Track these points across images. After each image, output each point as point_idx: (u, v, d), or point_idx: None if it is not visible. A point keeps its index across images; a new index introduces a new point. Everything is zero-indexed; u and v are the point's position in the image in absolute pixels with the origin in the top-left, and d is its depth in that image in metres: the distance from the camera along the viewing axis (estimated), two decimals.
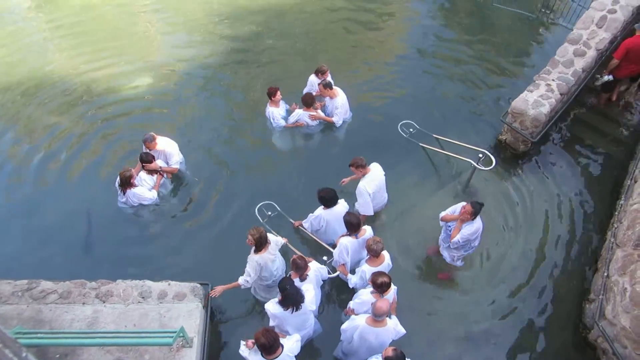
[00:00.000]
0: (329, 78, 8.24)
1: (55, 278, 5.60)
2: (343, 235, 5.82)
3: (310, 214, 6.36)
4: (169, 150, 7.23)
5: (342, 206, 6.22)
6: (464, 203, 5.81)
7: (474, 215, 5.67)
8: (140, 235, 7.03)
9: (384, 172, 6.61)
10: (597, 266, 6.66)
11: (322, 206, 6.18)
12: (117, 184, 6.85)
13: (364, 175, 6.41)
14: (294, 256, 5.38)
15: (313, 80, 8.39)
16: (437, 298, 6.45)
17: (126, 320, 5.20)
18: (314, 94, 8.23)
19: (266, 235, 5.51)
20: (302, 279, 5.29)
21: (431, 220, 6.56)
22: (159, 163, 7.13)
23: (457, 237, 5.85)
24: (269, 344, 4.38)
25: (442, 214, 6.13)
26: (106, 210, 7.20)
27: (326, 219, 6.21)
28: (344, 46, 10.62)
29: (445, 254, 6.33)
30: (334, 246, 6.06)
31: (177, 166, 7.34)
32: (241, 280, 5.60)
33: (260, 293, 6.11)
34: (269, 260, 5.58)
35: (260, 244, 5.43)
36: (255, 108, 8.79)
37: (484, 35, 10.94)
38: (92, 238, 6.95)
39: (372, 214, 6.69)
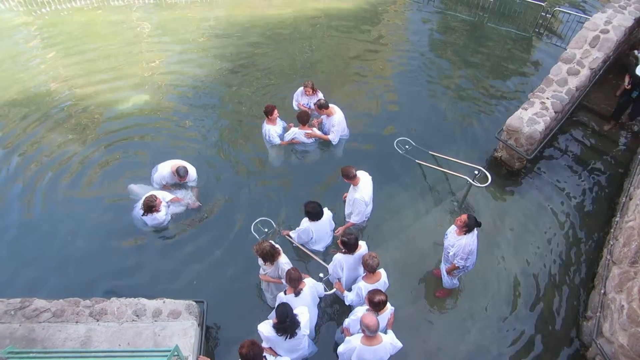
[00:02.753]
0: (320, 95, 8.32)
1: (48, 296, 5.56)
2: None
3: (298, 228, 6.36)
4: (194, 174, 7.38)
5: (327, 215, 6.29)
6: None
7: (467, 228, 5.66)
8: (136, 252, 6.97)
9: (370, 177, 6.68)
10: (593, 283, 6.65)
11: (308, 219, 6.21)
12: (139, 206, 6.82)
13: (355, 185, 6.46)
14: (289, 268, 5.35)
15: (300, 92, 8.52)
16: (434, 316, 6.41)
17: (120, 339, 5.14)
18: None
19: (269, 244, 5.52)
20: (297, 293, 5.23)
21: (428, 237, 6.56)
22: (183, 194, 7.30)
23: (446, 243, 5.94)
24: (248, 358, 4.31)
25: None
26: (100, 229, 7.16)
27: (314, 229, 6.26)
28: (341, 64, 10.76)
29: (444, 272, 6.30)
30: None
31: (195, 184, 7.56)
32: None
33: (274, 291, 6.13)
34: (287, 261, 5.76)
35: (272, 254, 5.50)
36: (252, 125, 8.84)
37: (479, 54, 11.14)
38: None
39: (364, 222, 6.86)
